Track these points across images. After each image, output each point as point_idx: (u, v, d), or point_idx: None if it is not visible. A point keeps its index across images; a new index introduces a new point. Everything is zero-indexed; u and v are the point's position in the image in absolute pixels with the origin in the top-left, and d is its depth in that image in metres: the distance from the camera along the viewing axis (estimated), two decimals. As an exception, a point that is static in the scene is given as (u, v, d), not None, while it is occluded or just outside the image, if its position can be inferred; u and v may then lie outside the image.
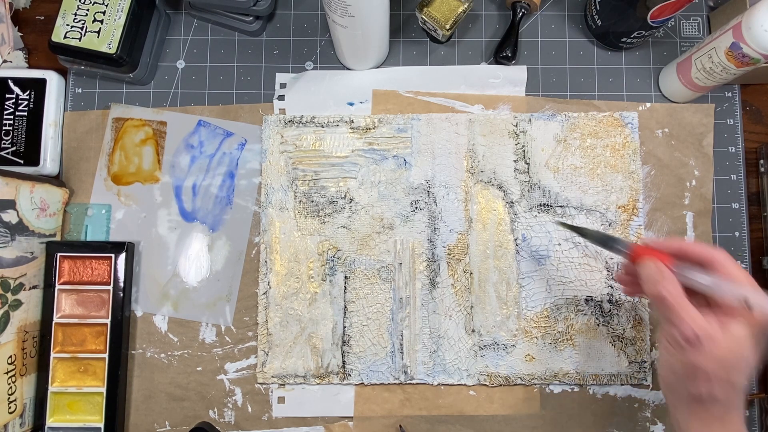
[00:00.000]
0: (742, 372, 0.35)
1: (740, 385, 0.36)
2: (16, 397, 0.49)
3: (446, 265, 0.53)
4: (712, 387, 0.35)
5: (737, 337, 0.35)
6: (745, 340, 0.35)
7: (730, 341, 0.35)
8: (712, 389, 0.35)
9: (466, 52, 0.57)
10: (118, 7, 0.52)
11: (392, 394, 0.52)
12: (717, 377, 0.35)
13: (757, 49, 0.44)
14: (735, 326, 0.35)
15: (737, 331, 0.35)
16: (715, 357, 0.35)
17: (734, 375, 0.35)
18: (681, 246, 0.39)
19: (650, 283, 0.38)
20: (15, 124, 0.54)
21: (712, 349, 0.35)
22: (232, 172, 0.55)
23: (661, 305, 0.37)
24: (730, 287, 0.36)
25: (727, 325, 0.35)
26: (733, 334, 0.35)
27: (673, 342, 0.37)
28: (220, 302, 0.54)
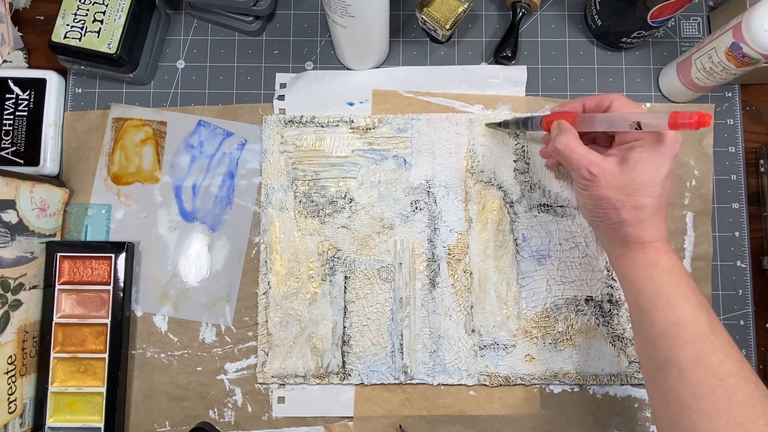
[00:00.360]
0: (646, 193, 0.39)
1: (648, 206, 0.39)
2: (16, 397, 0.49)
3: (446, 265, 0.53)
4: (619, 212, 0.40)
5: (634, 163, 0.39)
6: (644, 164, 0.39)
7: (627, 169, 0.39)
8: (620, 214, 0.40)
9: (466, 52, 0.57)
10: (118, 7, 0.52)
11: (392, 394, 0.52)
12: (621, 203, 0.39)
13: (757, 49, 0.44)
14: (632, 154, 0.39)
15: (634, 157, 0.39)
16: (614, 186, 0.39)
17: (639, 198, 0.39)
18: (582, 102, 0.44)
19: (551, 142, 0.43)
20: (15, 124, 0.54)
21: (609, 180, 0.39)
22: (232, 172, 0.55)
23: (561, 156, 0.42)
24: (622, 116, 0.39)
25: (625, 155, 0.40)
26: (630, 162, 0.39)
27: (578, 183, 0.42)
28: (220, 302, 0.54)
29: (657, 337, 0.39)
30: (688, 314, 0.38)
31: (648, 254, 0.40)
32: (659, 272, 0.39)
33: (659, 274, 0.39)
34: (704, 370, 0.36)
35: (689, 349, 0.37)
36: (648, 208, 0.39)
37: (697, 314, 0.38)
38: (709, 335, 0.37)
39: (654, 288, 0.39)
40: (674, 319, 0.38)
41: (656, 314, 0.39)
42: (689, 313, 0.38)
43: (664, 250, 0.40)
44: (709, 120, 0.34)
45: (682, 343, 0.37)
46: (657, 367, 0.39)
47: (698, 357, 0.37)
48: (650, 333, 0.39)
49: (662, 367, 0.38)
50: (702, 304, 0.38)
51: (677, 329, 0.38)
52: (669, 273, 0.39)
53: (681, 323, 0.38)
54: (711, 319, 0.38)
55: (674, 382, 0.37)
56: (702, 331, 0.37)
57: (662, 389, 0.38)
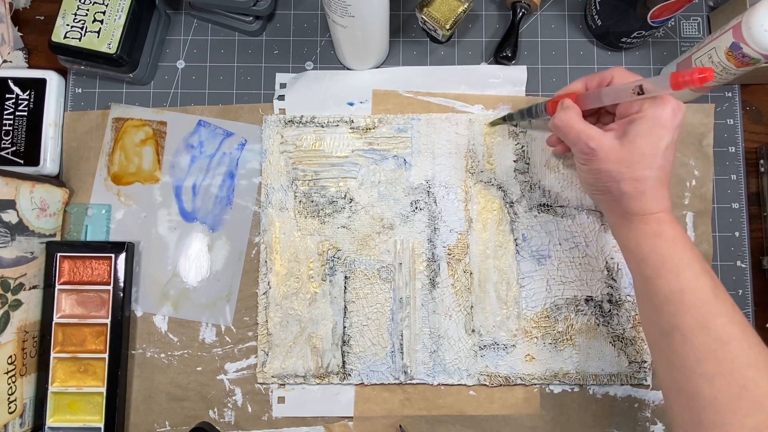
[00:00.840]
0: (646, 165, 0.39)
1: (648, 178, 0.39)
2: (16, 397, 0.49)
3: (446, 265, 0.53)
4: (619, 185, 0.40)
5: (634, 136, 0.39)
6: (643, 136, 0.39)
7: (626, 142, 0.39)
8: (620, 187, 0.40)
9: (466, 52, 0.57)
10: (118, 7, 0.52)
11: (392, 394, 0.52)
12: (621, 175, 0.39)
13: (757, 49, 0.44)
14: (632, 127, 0.39)
15: (634, 130, 0.39)
16: (613, 159, 0.39)
17: (638, 170, 0.39)
18: (584, 82, 0.44)
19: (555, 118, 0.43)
20: (15, 124, 0.54)
21: (608, 154, 0.39)
22: (232, 172, 0.55)
23: (560, 132, 0.42)
24: (623, 86, 0.39)
25: (625, 129, 0.40)
26: (630, 135, 0.39)
27: (579, 158, 0.42)
28: (220, 302, 0.54)
29: (661, 305, 0.39)
30: (691, 281, 0.38)
31: (651, 225, 0.40)
32: (662, 241, 0.39)
33: (662, 243, 0.39)
34: (707, 334, 0.36)
35: (693, 315, 0.37)
36: (649, 179, 0.39)
37: (701, 281, 0.38)
38: (712, 301, 0.37)
39: (658, 256, 0.39)
40: (678, 286, 0.38)
41: (660, 282, 0.39)
42: (693, 280, 0.38)
43: (666, 221, 0.40)
44: (710, 73, 0.33)
45: (686, 309, 0.37)
46: (661, 334, 0.39)
47: (702, 322, 0.37)
48: (654, 301, 0.39)
49: (666, 333, 0.38)
50: (706, 271, 0.38)
51: (681, 296, 0.38)
52: (672, 242, 0.39)
53: (685, 290, 0.38)
54: (715, 286, 0.38)
55: (678, 347, 0.37)
56: (705, 297, 0.37)
57: (666, 355, 0.39)
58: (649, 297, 0.40)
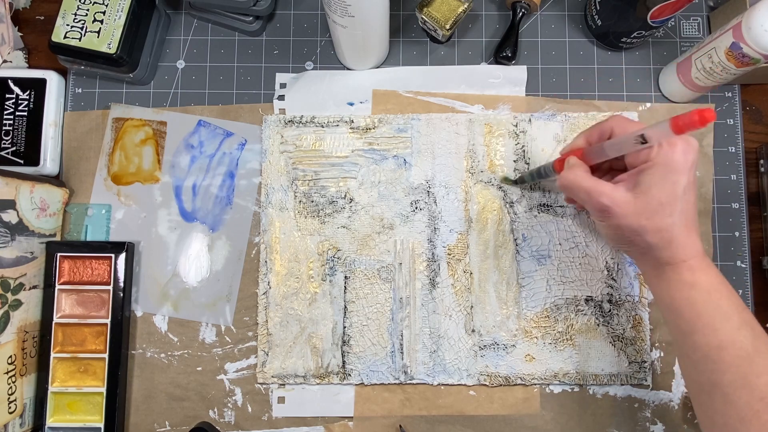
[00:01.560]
0: (666, 213, 0.37)
1: (672, 225, 0.37)
2: (16, 397, 0.49)
3: (446, 265, 0.53)
4: (643, 238, 0.38)
5: (647, 186, 0.37)
6: (657, 185, 0.37)
7: (640, 193, 0.37)
8: (645, 239, 0.38)
9: (466, 52, 0.57)
10: (118, 7, 0.52)
11: (392, 394, 0.52)
12: (644, 228, 0.37)
13: (757, 49, 0.44)
14: (643, 177, 0.37)
15: (646, 179, 0.37)
16: (631, 213, 0.37)
17: (659, 220, 0.37)
18: (585, 137, 0.43)
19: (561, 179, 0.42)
20: (15, 124, 0.54)
21: (624, 208, 0.38)
22: (232, 172, 0.55)
23: (570, 192, 0.41)
24: (625, 138, 0.38)
25: (636, 179, 0.38)
26: (642, 185, 0.37)
27: (594, 217, 0.41)
28: (220, 302, 0.54)
29: (699, 361, 0.37)
30: (730, 336, 0.36)
31: (683, 275, 0.38)
32: (697, 293, 0.38)
33: (697, 295, 0.37)
34: (750, 394, 0.35)
35: (733, 373, 0.35)
36: (673, 227, 0.37)
37: (740, 335, 0.36)
38: (753, 357, 0.35)
39: (693, 310, 0.37)
40: (716, 342, 0.36)
41: (697, 338, 0.37)
42: (731, 334, 0.36)
43: (699, 268, 0.38)
44: (712, 114, 0.32)
45: (725, 367, 0.36)
46: (701, 391, 0.38)
47: (743, 381, 0.35)
48: (693, 357, 0.38)
49: (707, 390, 0.37)
50: (746, 323, 0.37)
51: (719, 353, 0.36)
52: (708, 293, 0.37)
53: (723, 346, 0.36)
54: (755, 338, 0.36)
55: (720, 406, 0.36)
56: (745, 353, 0.35)
57: (708, 413, 0.37)
58: (687, 353, 0.38)
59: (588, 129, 0.43)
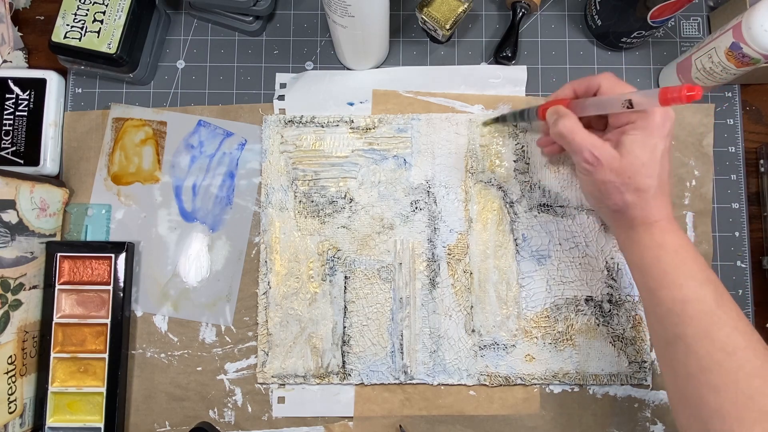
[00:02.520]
0: (645, 174, 0.39)
1: (650, 187, 0.40)
2: (16, 397, 0.49)
3: (446, 265, 0.53)
4: (623, 195, 0.40)
5: (630, 146, 0.39)
6: (639, 146, 0.39)
7: (625, 152, 0.39)
8: (623, 197, 0.40)
9: (466, 52, 0.57)
10: (118, 7, 0.52)
11: (392, 394, 0.52)
12: (625, 185, 0.40)
13: (757, 49, 0.44)
14: (626, 137, 0.40)
15: (629, 140, 0.39)
16: (617, 169, 0.39)
17: (640, 180, 0.39)
18: (572, 87, 0.45)
19: (551, 126, 0.43)
20: (15, 124, 0.54)
21: (612, 163, 0.40)
22: (232, 172, 0.55)
23: (563, 140, 0.42)
24: (613, 97, 0.39)
25: (619, 139, 0.40)
26: (626, 145, 0.39)
27: (581, 168, 0.42)
28: (220, 302, 0.54)
29: (664, 316, 0.39)
30: (694, 292, 0.38)
31: (654, 234, 0.40)
32: (665, 252, 0.40)
33: (665, 254, 0.40)
34: (711, 344, 0.36)
35: (695, 325, 0.37)
36: (650, 188, 0.40)
37: (704, 291, 0.38)
38: (715, 311, 0.37)
39: (660, 268, 0.40)
40: (680, 296, 0.38)
41: (663, 293, 0.39)
42: (695, 290, 0.38)
43: (669, 229, 0.40)
44: (699, 92, 0.34)
45: (689, 320, 0.38)
46: (666, 344, 0.39)
47: (705, 332, 0.37)
48: (658, 311, 0.40)
49: (671, 343, 0.39)
50: (709, 280, 0.39)
51: (683, 306, 0.38)
52: (675, 252, 0.40)
53: (687, 301, 0.38)
54: (718, 295, 0.38)
55: (682, 356, 0.38)
56: (708, 307, 0.37)
57: (672, 365, 0.39)
58: (653, 308, 0.40)
59: (576, 81, 0.45)
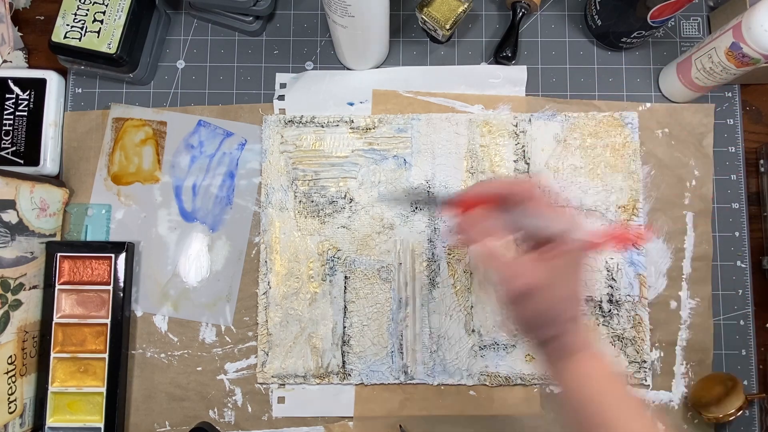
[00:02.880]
0: (579, 301, 0.36)
1: (582, 312, 0.36)
2: (16, 397, 0.49)
3: (446, 265, 0.53)
4: (557, 328, 0.36)
5: (565, 272, 0.36)
6: (572, 272, 0.36)
7: (559, 279, 0.35)
8: (557, 330, 0.36)
9: (466, 52, 0.57)
10: (118, 7, 0.52)
11: (392, 394, 0.52)
12: (561, 318, 0.36)
13: (757, 49, 0.44)
14: (558, 262, 0.35)
15: (560, 265, 0.36)
16: (554, 299, 0.35)
17: (574, 307, 0.36)
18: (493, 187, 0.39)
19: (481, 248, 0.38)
20: (15, 124, 0.54)
21: (551, 293, 0.35)
22: (232, 172, 0.55)
23: (486, 262, 0.37)
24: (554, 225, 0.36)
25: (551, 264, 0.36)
26: (558, 270, 0.35)
27: (508, 296, 0.37)
28: (220, 302, 0.54)
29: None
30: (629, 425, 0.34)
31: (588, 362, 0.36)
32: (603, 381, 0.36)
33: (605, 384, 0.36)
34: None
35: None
36: (581, 315, 0.37)
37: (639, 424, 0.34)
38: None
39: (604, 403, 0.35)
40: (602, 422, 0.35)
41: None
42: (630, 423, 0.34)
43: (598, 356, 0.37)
44: None
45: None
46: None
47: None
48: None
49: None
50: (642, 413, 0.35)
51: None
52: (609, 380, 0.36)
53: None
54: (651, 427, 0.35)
55: None
56: None
57: None
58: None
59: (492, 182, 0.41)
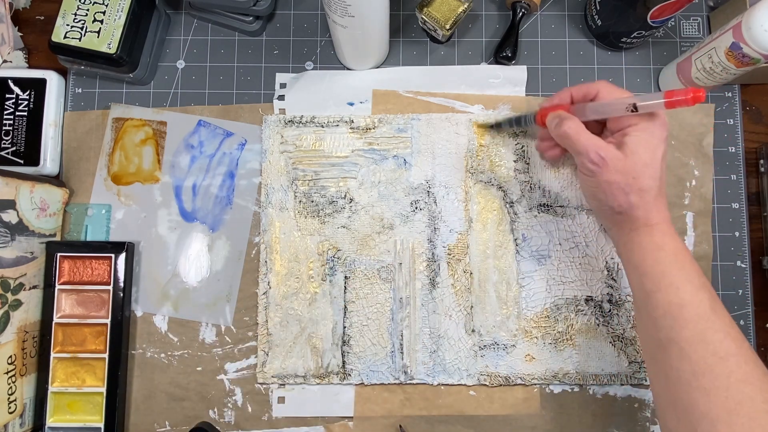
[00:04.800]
0: (648, 175, 0.40)
1: (651, 186, 0.40)
2: (16, 397, 0.49)
3: (446, 265, 0.53)
4: (627, 196, 0.40)
5: (634, 146, 0.40)
6: (643, 147, 0.40)
7: (629, 153, 0.40)
8: (628, 198, 0.41)
9: (466, 52, 0.57)
10: (118, 7, 0.52)
11: (392, 394, 0.52)
12: (629, 186, 0.40)
13: (757, 49, 0.44)
14: (629, 138, 0.41)
15: (632, 141, 0.40)
16: (620, 170, 0.40)
17: (643, 180, 0.40)
18: (570, 93, 0.45)
19: (554, 129, 0.44)
20: (15, 124, 0.54)
21: (616, 164, 0.40)
22: (232, 172, 0.55)
23: (568, 141, 0.43)
24: (617, 101, 0.41)
25: (621, 140, 0.41)
26: (629, 146, 0.40)
27: (585, 170, 0.42)
28: (220, 302, 0.54)
29: (659, 318, 0.39)
30: (690, 295, 0.38)
31: (654, 236, 0.41)
32: (665, 254, 0.40)
33: (665, 257, 0.40)
34: (705, 348, 0.37)
35: (691, 329, 0.38)
36: (652, 189, 0.40)
37: (700, 295, 0.38)
38: (710, 315, 0.38)
39: (659, 270, 0.40)
40: (677, 300, 0.39)
41: (660, 296, 0.39)
42: (692, 294, 0.39)
43: (668, 233, 0.41)
44: (702, 95, 0.36)
45: (684, 323, 0.38)
46: (658, 347, 0.39)
47: (699, 336, 0.37)
48: (653, 314, 0.40)
49: (664, 346, 0.39)
50: (705, 286, 0.39)
51: (680, 310, 0.38)
52: (674, 255, 0.40)
53: (684, 304, 0.38)
54: (713, 301, 0.39)
55: (675, 360, 0.38)
56: (704, 311, 0.38)
57: (663, 368, 0.39)
58: (648, 311, 0.40)
59: (573, 87, 0.45)
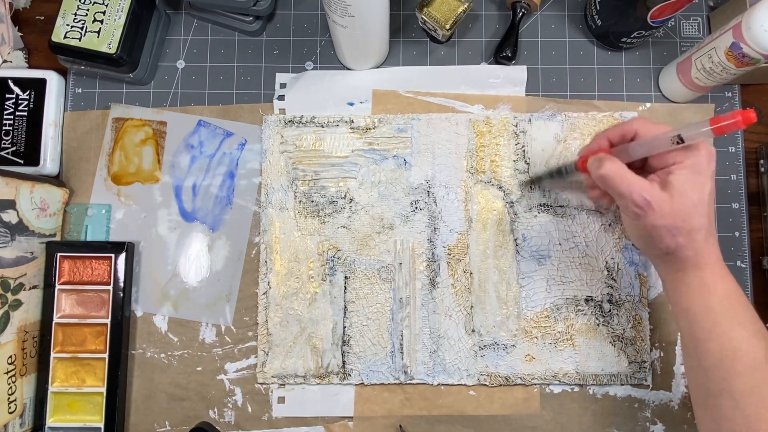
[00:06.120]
0: (698, 214, 0.38)
1: (701, 226, 0.38)
2: (16, 397, 0.49)
3: (446, 265, 0.53)
4: (675, 238, 0.38)
5: (681, 186, 0.38)
6: (690, 185, 0.38)
7: (676, 194, 0.38)
8: (676, 239, 0.38)
9: (466, 52, 0.57)
10: (118, 7, 0.52)
11: (392, 394, 0.52)
12: (678, 229, 0.38)
13: (757, 49, 0.44)
14: (674, 177, 0.38)
15: (679, 180, 0.38)
16: (669, 212, 0.38)
17: (692, 220, 0.38)
18: (606, 137, 0.43)
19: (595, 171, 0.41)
20: (15, 124, 0.54)
21: (662, 207, 0.38)
22: (232, 172, 0.55)
23: (609, 184, 0.40)
24: (659, 137, 0.39)
25: (665, 180, 0.38)
26: (675, 186, 0.38)
27: (629, 213, 0.40)
28: (220, 302, 0.54)
29: (711, 368, 0.38)
30: (744, 344, 0.37)
31: (705, 278, 0.39)
32: (716, 299, 0.38)
33: (716, 302, 0.38)
34: (760, 401, 0.35)
35: (744, 380, 0.36)
36: (702, 229, 0.38)
37: (755, 344, 0.37)
38: (765, 365, 0.36)
39: (710, 317, 0.38)
40: (729, 348, 0.37)
41: (712, 345, 0.38)
42: (746, 342, 0.37)
43: (719, 274, 0.39)
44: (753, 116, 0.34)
45: (737, 375, 0.36)
46: (710, 396, 0.38)
47: (754, 388, 0.36)
48: (704, 363, 0.38)
49: (715, 396, 0.37)
50: (760, 332, 0.37)
51: (733, 360, 0.37)
52: (727, 299, 0.38)
53: (737, 353, 0.37)
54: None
55: (728, 411, 0.36)
56: (759, 362, 0.36)
57: (714, 417, 0.38)
58: (698, 359, 0.39)
59: (609, 130, 0.43)
